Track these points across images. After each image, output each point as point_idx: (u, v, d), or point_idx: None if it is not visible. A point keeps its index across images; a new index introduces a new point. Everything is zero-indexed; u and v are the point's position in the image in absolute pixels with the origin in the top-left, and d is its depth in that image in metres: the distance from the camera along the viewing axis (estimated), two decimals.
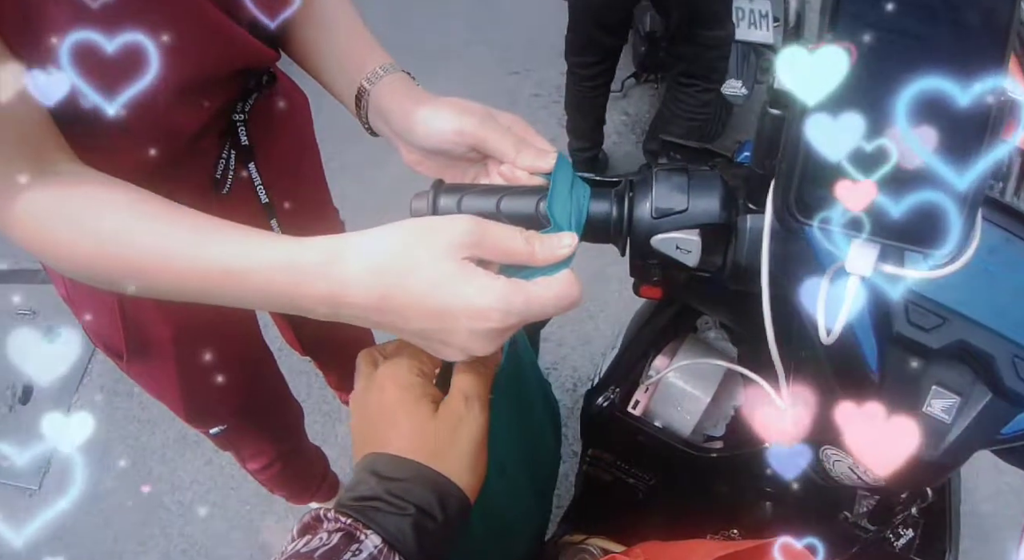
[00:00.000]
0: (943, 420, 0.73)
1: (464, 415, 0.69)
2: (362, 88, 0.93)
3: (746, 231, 0.72)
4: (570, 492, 1.53)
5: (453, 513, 0.65)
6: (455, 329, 0.64)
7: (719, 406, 1.12)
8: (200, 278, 0.70)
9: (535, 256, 0.68)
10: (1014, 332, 0.72)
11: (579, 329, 2.77)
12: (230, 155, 1.09)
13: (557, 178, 0.76)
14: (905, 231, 0.58)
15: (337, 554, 0.59)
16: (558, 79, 3.65)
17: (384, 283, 0.64)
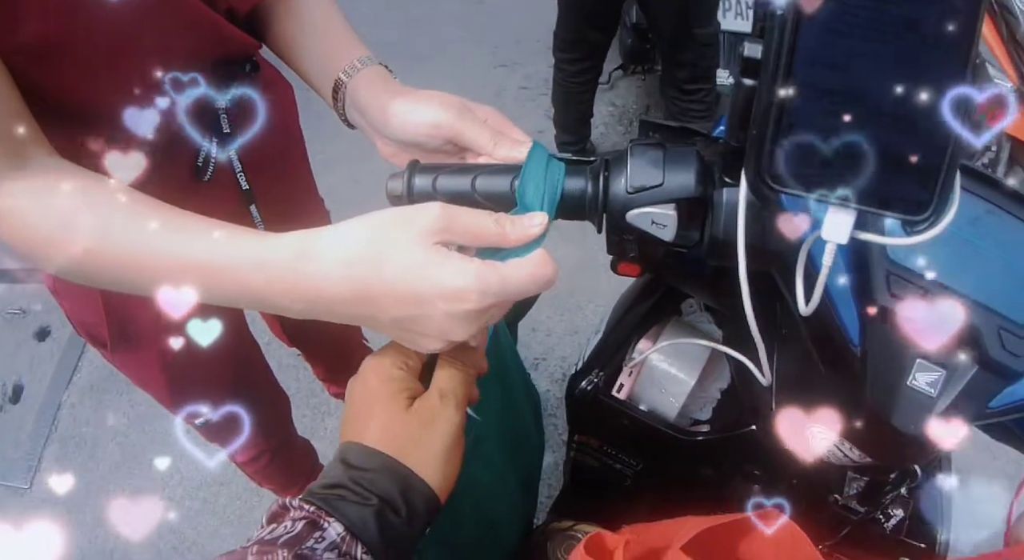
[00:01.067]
0: (928, 394, 0.72)
1: (437, 412, 0.69)
2: (339, 81, 0.93)
3: (722, 205, 0.71)
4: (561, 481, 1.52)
5: (417, 508, 0.65)
6: (432, 314, 0.64)
7: (705, 389, 1.12)
8: (170, 276, 0.69)
9: (507, 237, 0.68)
10: (998, 303, 0.72)
11: (568, 319, 2.78)
12: (212, 143, 1.08)
13: (531, 159, 0.75)
14: (881, 197, 0.57)
15: (300, 541, 0.58)
16: (545, 72, 3.66)
17: (358, 274, 0.64)
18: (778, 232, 0.70)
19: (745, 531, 0.81)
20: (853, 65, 0.53)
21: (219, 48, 0.97)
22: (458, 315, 0.63)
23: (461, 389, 0.72)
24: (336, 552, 0.59)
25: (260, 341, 1.65)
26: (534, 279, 0.66)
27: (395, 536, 0.63)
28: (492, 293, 0.63)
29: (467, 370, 0.74)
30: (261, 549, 0.57)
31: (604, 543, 0.82)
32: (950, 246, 0.73)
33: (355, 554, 0.60)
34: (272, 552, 0.56)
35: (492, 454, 0.95)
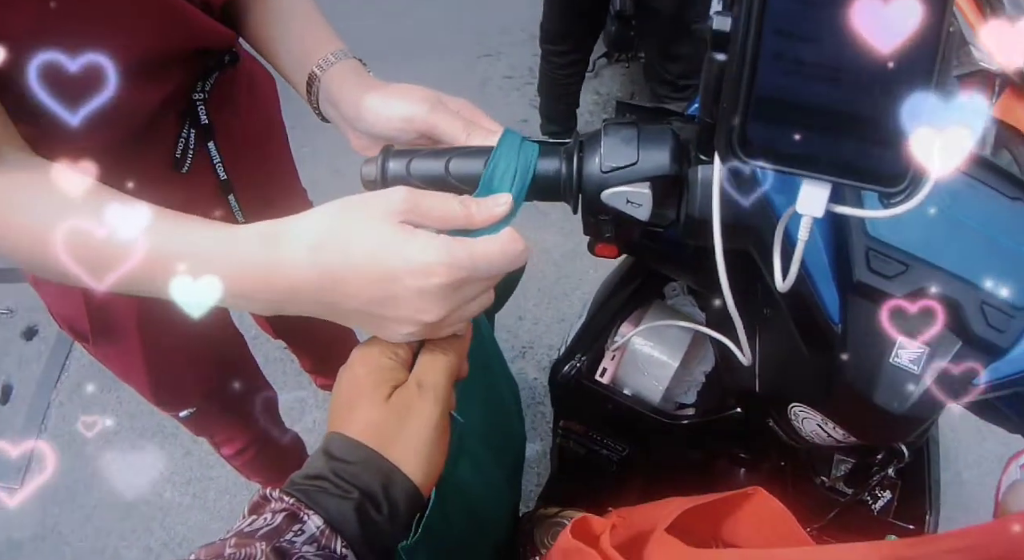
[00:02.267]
0: (911, 371, 0.71)
1: (414, 404, 0.68)
2: (313, 74, 0.94)
3: (697, 183, 0.71)
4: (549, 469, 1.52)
5: (399, 503, 0.64)
6: (401, 292, 0.63)
7: (689, 373, 1.11)
8: (136, 270, 0.68)
9: (472, 217, 0.67)
10: (980, 278, 0.71)
11: (555, 307, 2.78)
12: (190, 134, 1.08)
13: (503, 141, 0.74)
14: (856, 169, 0.56)
15: (279, 534, 0.58)
16: (530, 61, 3.65)
17: (325, 257, 0.63)
18: (753, 207, 0.69)
19: (729, 510, 0.81)
20: (823, 36, 0.53)
21: (195, 40, 0.96)
22: (428, 291, 0.63)
23: (442, 379, 0.70)
24: (315, 546, 0.58)
25: (247, 335, 1.64)
26: (504, 253, 0.66)
27: (376, 531, 0.62)
28: (461, 266, 0.63)
29: (449, 359, 0.72)
30: (239, 541, 0.56)
31: (591, 527, 0.82)
32: (931, 221, 0.73)
33: (334, 548, 0.59)
34: (250, 545, 0.56)
35: (478, 452, 0.94)
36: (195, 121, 1.08)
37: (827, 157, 0.56)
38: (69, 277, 0.71)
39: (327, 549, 0.58)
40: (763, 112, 0.56)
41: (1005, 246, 0.73)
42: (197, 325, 1.32)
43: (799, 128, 0.56)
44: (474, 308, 0.70)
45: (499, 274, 0.68)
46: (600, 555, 0.76)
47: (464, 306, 0.68)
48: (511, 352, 2.68)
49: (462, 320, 0.70)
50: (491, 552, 1.13)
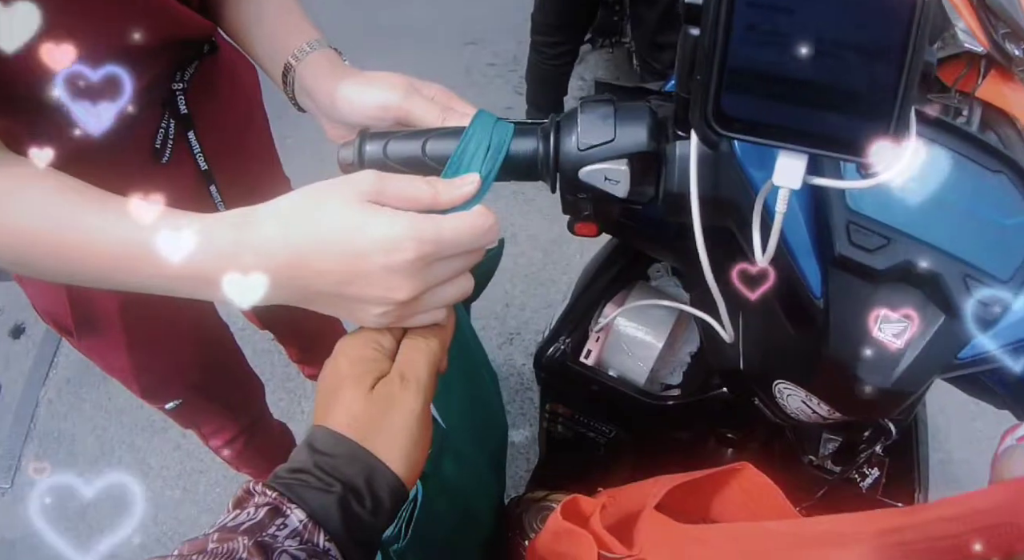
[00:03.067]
0: (895, 345, 0.71)
1: (397, 397, 0.67)
2: (288, 65, 0.94)
3: (675, 158, 0.70)
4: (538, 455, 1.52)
5: (382, 496, 0.63)
6: (369, 270, 0.62)
7: (674, 353, 1.11)
8: (108, 262, 0.68)
9: (439, 197, 0.67)
10: (963, 251, 0.71)
11: (542, 293, 2.79)
12: (169, 124, 1.08)
13: (476, 121, 0.74)
14: (833, 140, 0.55)
15: (262, 529, 0.57)
16: (514, 49, 3.65)
17: (294, 238, 0.63)
18: (732, 182, 0.69)
19: (717, 487, 0.81)
20: (795, 6, 0.52)
21: (173, 30, 0.96)
22: (395, 267, 0.62)
23: (425, 370, 0.70)
24: (298, 540, 0.58)
25: (234, 326, 1.64)
26: (473, 228, 0.65)
27: (359, 524, 0.61)
28: (427, 240, 0.62)
29: (431, 349, 0.72)
30: (222, 536, 0.56)
31: (581, 507, 0.82)
32: (911, 193, 0.72)
33: (317, 542, 0.59)
34: (233, 539, 0.55)
35: (461, 445, 0.94)
36: (174, 111, 1.07)
37: (803, 128, 0.56)
38: (46, 275, 0.71)
39: (310, 543, 0.58)
40: (737, 84, 0.55)
41: (987, 219, 0.73)
42: (181, 317, 1.34)
43: (774, 99, 0.55)
44: (451, 292, 0.69)
45: (470, 251, 0.67)
46: (592, 535, 0.76)
47: (439, 288, 0.67)
48: (498, 339, 2.69)
49: (439, 303, 0.69)
50: (479, 543, 1.13)
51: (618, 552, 0.75)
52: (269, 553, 0.55)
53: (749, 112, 0.56)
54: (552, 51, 2.90)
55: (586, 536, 0.77)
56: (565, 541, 0.82)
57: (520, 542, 1.09)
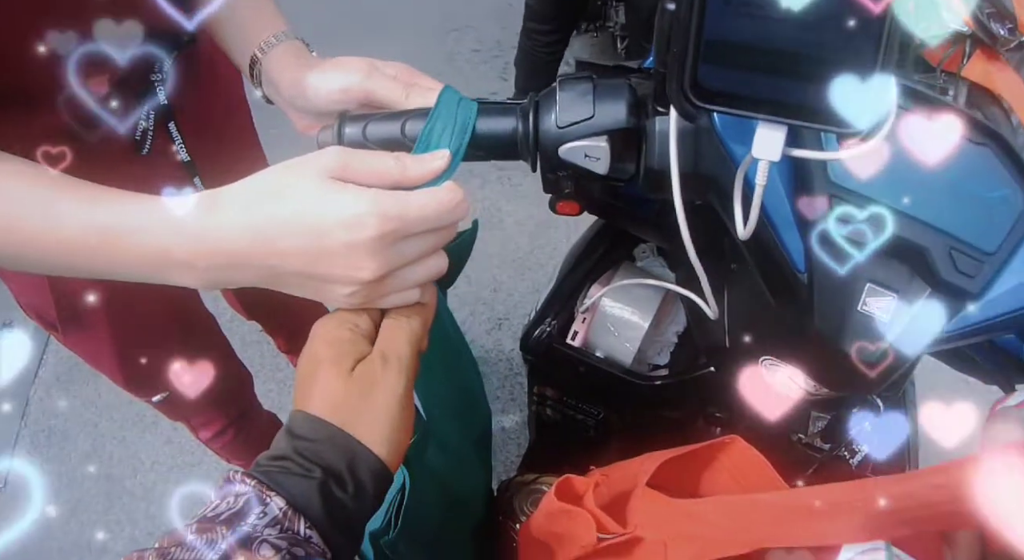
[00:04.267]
0: (880, 319, 0.70)
1: (379, 377, 0.66)
2: (254, 57, 0.94)
3: (655, 134, 0.70)
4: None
5: (365, 480, 0.62)
6: (333, 248, 0.61)
7: (661, 333, 1.11)
8: (74, 248, 0.66)
9: (407, 172, 0.65)
10: (947, 224, 0.70)
11: (529, 277, 2.79)
12: (149, 115, 1.07)
13: (441, 99, 0.74)
14: (812, 111, 0.55)
15: (241, 517, 0.56)
16: (498, 34, 3.65)
17: (257, 217, 0.61)
18: (712, 157, 0.68)
19: (706, 462, 0.81)
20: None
21: (149, 22, 0.95)
22: (359, 244, 0.61)
23: (406, 350, 0.68)
24: (278, 528, 0.57)
25: (222, 318, 1.63)
26: (439, 203, 0.64)
27: (341, 509, 0.60)
28: (392, 216, 0.61)
29: (413, 328, 0.70)
30: (201, 527, 0.55)
31: (574, 487, 0.82)
32: (894, 167, 0.72)
33: (298, 530, 0.58)
34: (211, 530, 0.54)
35: (447, 435, 0.93)
36: (154, 101, 1.07)
37: (782, 100, 0.55)
38: (25, 265, 0.70)
39: (291, 531, 0.57)
40: (713, 56, 0.55)
41: (971, 192, 0.72)
42: (166, 310, 1.34)
43: (751, 71, 0.55)
44: (421, 272, 0.68)
45: (440, 228, 0.66)
46: (588, 513, 0.76)
47: (409, 268, 0.66)
48: (487, 324, 2.69)
49: (409, 283, 0.68)
50: (469, 530, 1.13)
51: (613, 530, 0.75)
52: (249, 543, 0.54)
53: (726, 84, 0.56)
54: (545, 38, 2.89)
55: (584, 514, 0.77)
56: (561, 521, 0.82)
57: (511, 526, 1.08)
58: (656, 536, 0.72)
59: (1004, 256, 0.70)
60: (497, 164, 0.80)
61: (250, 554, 0.54)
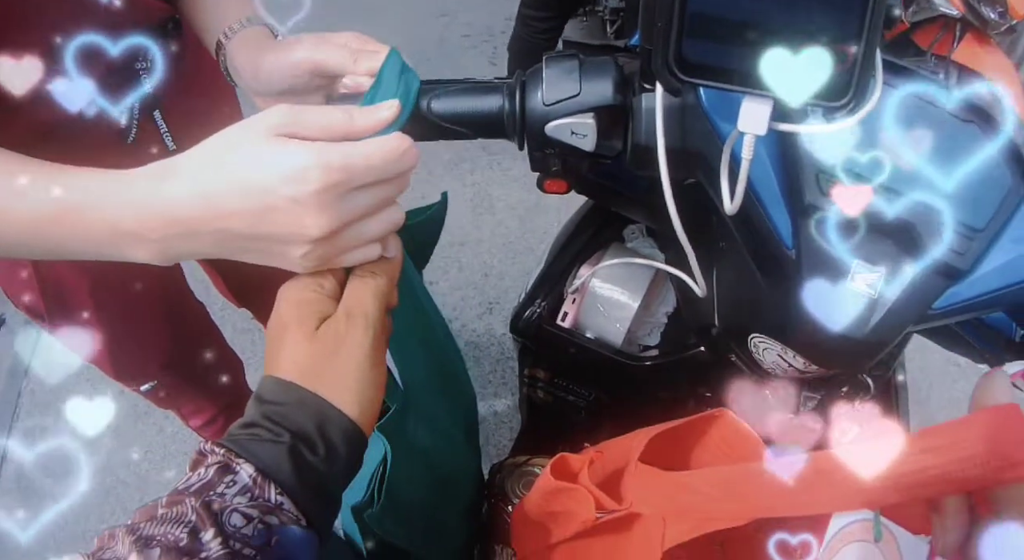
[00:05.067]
0: (869, 295, 0.70)
1: (343, 334, 0.64)
2: (219, 43, 0.95)
3: (641, 111, 0.70)
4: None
5: (336, 442, 0.61)
6: (279, 205, 0.59)
7: (651, 314, 1.11)
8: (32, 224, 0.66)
9: (355, 122, 0.64)
10: (936, 200, 0.70)
11: (520, 261, 2.79)
12: (134, 105, 1.08)
13: (386, 64, 0.72)
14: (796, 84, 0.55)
15: (211, 488, 0.55)
16: (487, 19, 3.64)
17: (203, 182, 0.60)
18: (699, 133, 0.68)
19: (696, 436, 0.81)
20: None
21: (131, 12, 0.96)
22: (304, 199, 0.59)
23: (372, 305, 0.67)
24: (248, 496, 0.56)
25: (213, 306, 1.65)
26: (385, 151, 0.62)
27: (313, 473, 0.59)
28: (334, 167, 0.59)
29: (378, 282, 0.69)
30: (171, 500, 0.54)
31: (569, 465, 0.82)
32: (883, 143, 0.72)
33: (268, 497, 0.57)
34: (180, 502, 0.53)
35: (431, 410, 0.93)
36: (138, 91, 1.06)
37: (767, 73, 0.55)
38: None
39: (261, 498, 0.56)
40: (698, 29, 0.55)
41: (959, 169, 0.73)
42: (152, 299, 1.34)
43: (735, 44, 0.55)
44: (375, 226, 0.66)
45: (389, 179, 0.64)
46: (585, 490, 0.77)
47: (362, 223, 0.65)
48: (478, 308, 2.69)
49: (364, 238, 0.66)
50: (461, 512, 1.13)
51: (609, 507, 0.75)
52: (219, 514, 0.53)
53: (711, 57, 0.56)
54: (542, 25, 2.87)
55: (581, 491, 0.77)
56: (559, 499, 0.82)
57: (503, 508, 1.09)
58: (653, 511, 0.72)
59: (993, 233, 0.71)
60: (487, 149, 0.81)
61: (220, 524, 0.53)
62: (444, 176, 3.04)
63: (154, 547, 0.51)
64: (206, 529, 0.52)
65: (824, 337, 0.72)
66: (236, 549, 0.53)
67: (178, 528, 0.52)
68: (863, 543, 0.59)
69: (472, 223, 2.91)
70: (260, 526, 0.55)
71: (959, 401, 2.36)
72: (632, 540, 0.75)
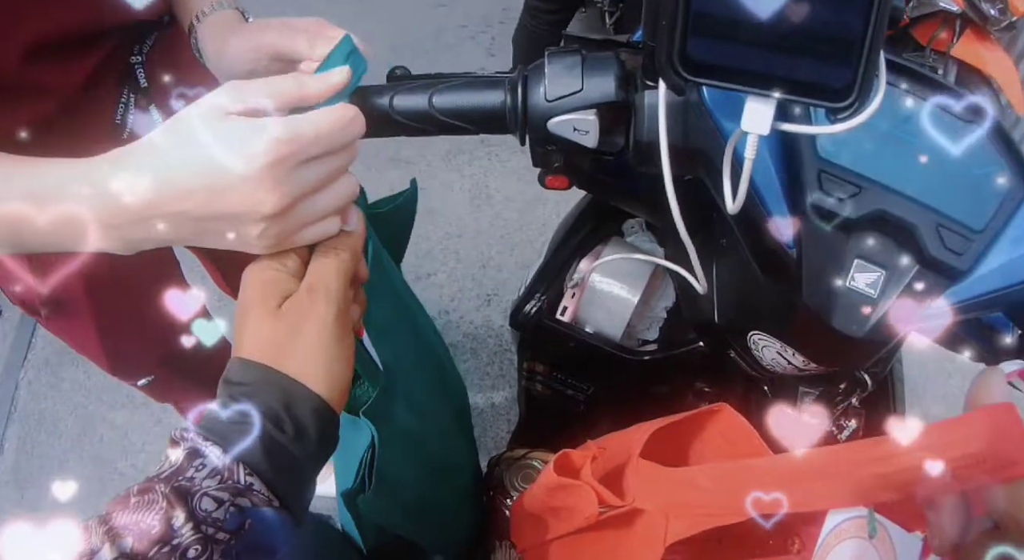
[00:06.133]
0: (868, 295, 0.71)
1: (305, 309, 0.63)
2: (191, 26, 0.95)
3: (644, 108, 0.70)
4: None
5: (304, 419, 0.60)
6: (230, 183, 0.59)
7: (650, 309, 1.11)
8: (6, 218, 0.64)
9: (305, 88, 0.63)
10: (935, 200, 0.71)
11: (518, 253, 2.79)
12: (130, 98, 1.08)
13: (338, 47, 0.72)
14: (801, 85, 0.55)
15: (181, 473, 0.55)
16: (485, 9, 3.63)
17: (158, 167, 0.60)
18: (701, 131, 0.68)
19: (695, 431, 0.82)
20: None
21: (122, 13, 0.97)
22: (255, 176, 0.58)
23: (333, 279, 0.66)
24: (218, 478, 0.55)
25: (210, 299, 1.62)
26: (332, 119, 0.62)
27: (282, 453, 0.59)
28: (285, 139, 0.58)
29: (340, 257, 0.68)
30: (142, 487, 0.54)
31: (572, 461, 0.83)
32: (882, 142, 0.72)
33: (238, 478, 0.56)
34: (151, 489, 0.53)
35: (419, 397, 0.93)
36: (134, 85, 1.07)
37: (771, 73, 0.55)
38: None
39: (231, 481, 0.56)
40: (703, 28, 0.55)
41: (960, 169, 0.73)
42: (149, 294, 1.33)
43: (740, 44, 0.55)
44: (330, 199, 0.65)
45: (338, 149, 0.63)
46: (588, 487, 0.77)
47: (316, 196, 0.64)
48: (476, 300, 2.69)
49: (320, 212, 0.66)
50: (459, 501, 1.13)
51: (612, 503, 0.76)
52: (189, 498, 0.53)
53: (716, 57, 0.56)
54: (551, 17, 2.86)
55: (584, 488, 0.77)
56: (561, 495, 0.82)
57: (502, 501, 1.09)
58: (655, 507, 0.72)
59: (992, 234, 0.71)
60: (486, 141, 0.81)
61: (191, 509, 0.53)
62: (441, 167, 3.04)
63: (126, 536, 0.51)
64: (177, 515, 0.52)
65: (824, 336, 0.73)
66: (209, 534, 0.53)
67: (149, 516, 0.52)
68: (858, 540, 0.60)
69: (470, 214, 2.91)
70: (232, 509, 0.55)
71: (954, 397, 2.36)
72: (634, 535, 0.75)
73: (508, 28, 2.99)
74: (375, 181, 2.84)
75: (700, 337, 1.01)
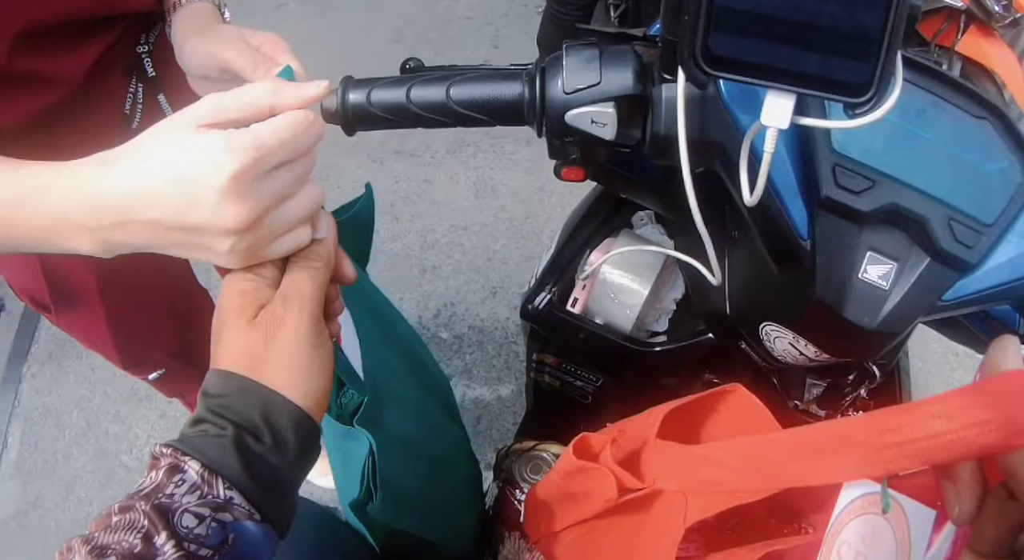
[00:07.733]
0: (880, 287, 0.72)
1: (280, 318, 0.63)
2: (168, 13, 0.95)
3: (662, 100, 0.71)
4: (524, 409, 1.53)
5: (283, 429, 0.60)
6: (198, 195, 0.58)
7: (660, 300, 1.11)
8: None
9: (280, 96, 0.63)
10: (947, 194, 0.72)
11: (524, 245, 2.78)
12: (138, 88, 1.08)
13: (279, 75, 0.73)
14: (820, 80, 0.56)
15: (161, 489, 0.54)
16: (491, 2, 3.61)
17: (135, 175, 0.60)
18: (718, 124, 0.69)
19: (708, 411, 0.82)
20: None
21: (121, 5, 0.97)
22: (222, 189, 0.58)
23: (307, 287, 0.65)
24: (198, 494, 0.55)
25: (216, 292, 1.62)
26: (291, 124, 0.61)
27: (262, 464, 0.58)
28: (244, 147, 0.58)
29: (313, 266, 0.67)
30: (123, 506, 0.53)
31: (591, 445, 0.83)
32: (896, 137, 0.73)
33: (217, 493, 0.56)
34: (132, 507, 0.53)
35: (405, 396, 0.94)
36: (142, 75, 1.07)
37: (791, 68, 0.56)
38: None
39: (210, 496, 0.55)
40: (725, 23, 0.55)
41: (971, 164, 0.74)
42: (158, 288, 1.33)
43: (762, 39, 0.55)
44: (297, 207, 0.65)
45: (299, 156, 0.63)
46: (608, 470, 0.77)
47: (283, 207, 0.63)
48: (481, 293, 2.69)
49: (289, 222, 0.65)
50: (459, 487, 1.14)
51: (631, 486, 0.76)
52: (170, 516, 0.53)
53: (737, 51, 0.56)
54: (578, 13, 2.86)
55: (603, 471, 0.77)
56: (580, 480, 0.83)
57: (511, 492, 1.09)
58: (674, 486, 0.72)
59: (1002, 227, 0.72)
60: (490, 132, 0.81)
61: (172, 527, 0.52)
62: (447, 159, 3.02)
63: (109, 556, 0.51)
64: (159, 533, 0.52)
65: (836, 327, 0.74)
66: (191, 551, 0.53)
67: (131, 534, 0.52)
68: (871, 515, 0.60)
69: (475, 207, 2.90)
70: (214, 525, 0.54)
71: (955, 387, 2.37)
72: (652, 519, 0.75)
73: (513, 20, 3.00)
74: (379, 173, 2.85)
75: (711, 329, 1.02)
